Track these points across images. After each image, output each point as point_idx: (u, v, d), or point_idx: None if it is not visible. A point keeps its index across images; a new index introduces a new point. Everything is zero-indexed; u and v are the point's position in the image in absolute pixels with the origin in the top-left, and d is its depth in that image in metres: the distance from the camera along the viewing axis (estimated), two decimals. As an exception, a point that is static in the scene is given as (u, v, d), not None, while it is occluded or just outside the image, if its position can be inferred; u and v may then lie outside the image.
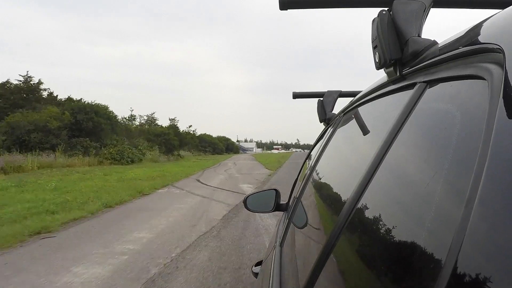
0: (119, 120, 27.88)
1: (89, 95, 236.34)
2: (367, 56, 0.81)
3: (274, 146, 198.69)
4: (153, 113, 40.75)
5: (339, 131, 1.30)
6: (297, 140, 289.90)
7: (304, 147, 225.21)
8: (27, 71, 29.90)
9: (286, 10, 0.86)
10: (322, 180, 1.23)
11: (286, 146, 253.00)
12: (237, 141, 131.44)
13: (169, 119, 40.81)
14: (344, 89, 2.12)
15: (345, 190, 0.81)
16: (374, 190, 0.60)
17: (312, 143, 2.04)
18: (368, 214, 0.60)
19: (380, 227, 0.53)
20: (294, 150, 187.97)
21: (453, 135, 0.42)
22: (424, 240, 0.38)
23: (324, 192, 1.07)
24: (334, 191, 0.94)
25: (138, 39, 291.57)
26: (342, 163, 1.08)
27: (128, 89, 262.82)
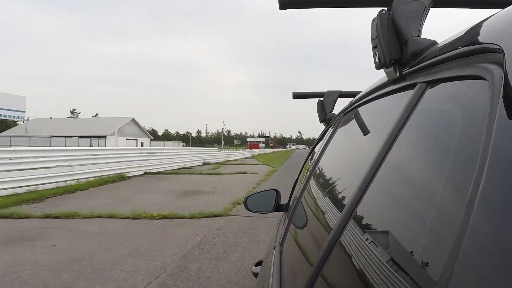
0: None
1: (89, 92, 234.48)
2: (368, 55, 0.81)
3: (249, 140, 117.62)
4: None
5: (339, 131, 1.30)
6: (299, 133, 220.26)
7: (309, 142, 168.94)
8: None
9: (286, 10, 0.86)
10: (323, 181, 1.23)
11: (281, 142, 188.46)
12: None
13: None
14: (344, 89, 2.12)
15: (345, 190, 0.81)
16: (375, 190, 0.60)
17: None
18: (369, 214, 0.60)
19: (381, 227, 0.53)
20: (294, 147, 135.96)
21: (453, 135, 0.42)
22: (425, 240, 0.38)
23: (325, 192, 1.07)
24: (335, 191, 0.94)
25: (138, 37, 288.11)
26: (342, 164, 1.08)
27: (128, 87, 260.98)
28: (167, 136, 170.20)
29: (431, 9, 0.71)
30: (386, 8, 0.70)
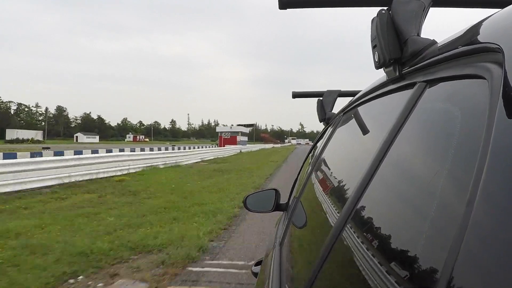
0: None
1: (88, 90, 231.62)
2: (368, 54, 0.81)
3: (220, 131, 67.32)
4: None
5: (339, 130, 1.30)
6: (301, 125, 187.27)
7: (312, 136, 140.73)
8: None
9: (286, 9, 0.86)
10: (322, 180, 1.23)
11: (278, 136, 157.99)
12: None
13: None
14: (344, 88, 2.12)
15: (345, 190, 0.81)
16: (374, 190, 0.60)
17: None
18: (369, 214, 0.60)
19: (380, 227, 0.53)
20: (295, 142, 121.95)
21: (453, 134, 0.42)
22: (425, 240, 0.38)
23: (324, 192, 1.07)
24: (334, 191, 0.94)
25: (138, 33, 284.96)
26: (342, 163, 1.08)
27: (128, 84, 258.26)
28: (124, 127, 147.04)
29: (431, 8, 0.71)
30: (385, 8, 0.70)
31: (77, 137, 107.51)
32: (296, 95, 2.41)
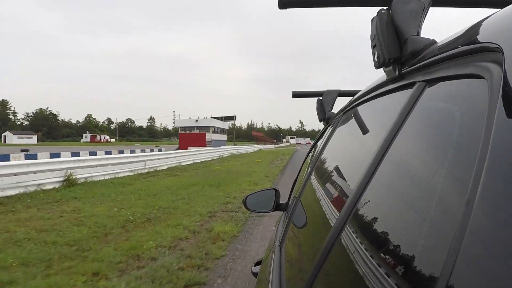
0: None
1: (90, 89, 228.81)
2: (368, 53, 0.81)
3: (180, 126, 43.38)
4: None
5: (339, 130, 1.30)
6: (301, 123, 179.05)
7: (313, 134, 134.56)
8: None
9: (286, 9, 0.86)
10: (322, 180, 1.23)
11: (276, 135, 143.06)
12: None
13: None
14: (344, 88, 2.12)
15: (344, 190, 0.81)
16: (374, 189, 0.60)
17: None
18: (368, 213, 0.60)
19: (380, 226, 0.53)
20: (294, 141, 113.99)
21: (452, 134, 0.42)
22: (424, 240, 0.38)
23: (324, 192, 1.07)
24: (334, 191, 0.94)
25: (139, 31, 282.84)
26: (341, 163, 1.08)
27: (129, 82, 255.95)
28: (86, 125, 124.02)
29: (431, 8, 0.71)
30: (385, 8, 0.70)
31: (5, 137, 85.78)
32: (295, 94, 2.41)
